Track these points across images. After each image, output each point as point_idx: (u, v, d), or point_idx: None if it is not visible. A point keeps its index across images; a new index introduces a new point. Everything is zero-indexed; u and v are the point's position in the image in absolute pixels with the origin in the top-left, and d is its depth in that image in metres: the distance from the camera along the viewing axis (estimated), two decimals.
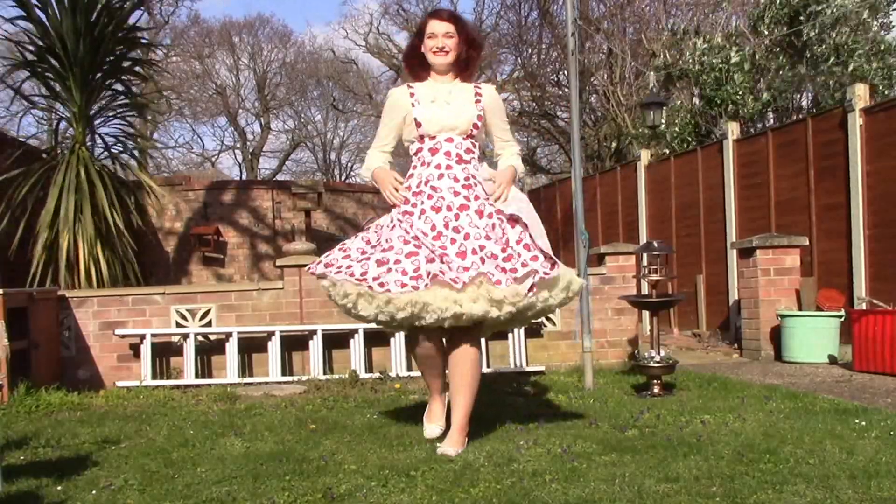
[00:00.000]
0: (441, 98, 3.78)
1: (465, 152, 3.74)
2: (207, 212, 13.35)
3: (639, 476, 3.01)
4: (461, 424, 3.59)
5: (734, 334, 8.56)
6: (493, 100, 3.88)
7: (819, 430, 3.78)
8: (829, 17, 9.71)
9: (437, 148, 3.73)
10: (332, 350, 6.58)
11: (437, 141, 3.74)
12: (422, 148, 3.76)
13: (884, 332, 5.99)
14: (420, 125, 3.74)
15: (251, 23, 30.55)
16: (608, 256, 6.96)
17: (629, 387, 5.44)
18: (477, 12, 21.75)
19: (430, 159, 3.73)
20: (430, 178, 3.69)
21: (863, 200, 7.45)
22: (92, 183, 7.86)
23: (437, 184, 3.67)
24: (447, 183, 3.67)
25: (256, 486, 3.04)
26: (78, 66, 8.05)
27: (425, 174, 3.71)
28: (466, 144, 3.75)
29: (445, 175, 3.69)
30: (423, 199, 3.66)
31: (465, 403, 3.60)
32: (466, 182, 3.68)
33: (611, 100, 15.20)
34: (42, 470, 3.26)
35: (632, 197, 11.47)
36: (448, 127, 3.73)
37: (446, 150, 3.72)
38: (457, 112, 3.75)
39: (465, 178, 3.69)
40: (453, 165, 3.71)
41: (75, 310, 6.50)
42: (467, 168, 3.72)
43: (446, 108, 3.75)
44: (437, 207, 3.62)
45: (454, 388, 3.64)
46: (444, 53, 3.78)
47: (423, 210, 3.63)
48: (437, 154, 3.73)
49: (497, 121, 3.89)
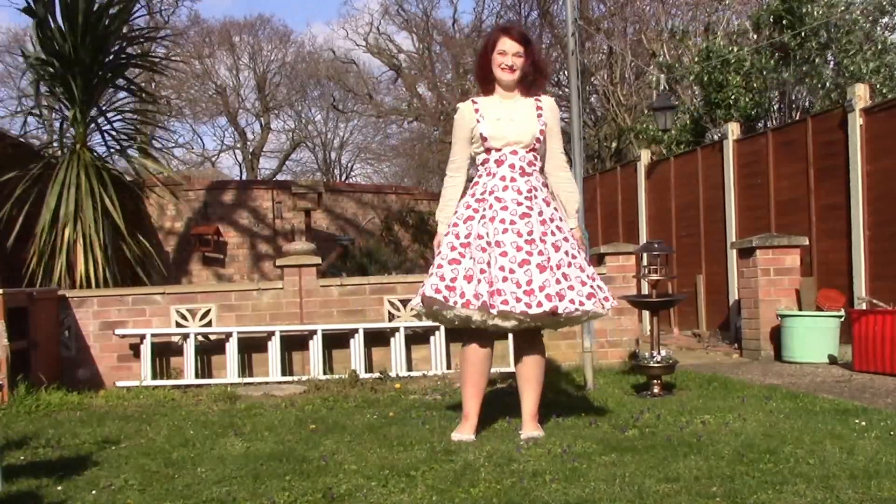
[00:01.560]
0: (506, 115, 3.92)
1: (527, 165, 3.89)
2: (207, 212, 13.34)
3: (639, 476, 3.01)
4: (533, 412, 3.89)
5: (734, 334, 8.56)
6: (553, 112, 4.03)
7: (819, 430, 3.78)
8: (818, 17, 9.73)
9: (503, 160, 3.88)
10: (332, 350, 6.58)
11: (503, 153, 3.89)
12: (488, 159, 3.91)
13: (884, 332, 5.99)
14: (486, 140, 3.89)
15: (251, 23, 30.55)
16: (608, 256, 6.96)
17: (629, 387, 5.44)
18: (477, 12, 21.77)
19: (496, 170, 3.88)
20: (495, 189, 3.84)
21: (863, 200, 7.45)
22: (92, 183, 7.86)
23: (501, 195, 3.82)
24: (511, 195, 3.82)
25: (256, 486, 3.04)
26: (79, 66, 8.05)
27: (490, 184, 3.86)
28: (529, 157, 3.90)
29: (510, 187, 3.83)
30: (485, 207, 3.82)
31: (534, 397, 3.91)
32: (529, 194, 3.84)
33: (611, 100, 15.20)
34: (42, 470, 3.26)
35: (632, 197, 11.46)
36: (513, 141, 3.88)
37: (511, 162, 3.87)
38: (521, 128, 3.89)
39: (527, 189, 3.84)
40: (517, 178, 3.85)
41: (75, 310, 6.50)
42: (530, 180, 3.87)
43: (511, 125, 3.89)
44: (492, 217, 3.79)
45: (522, 381, 3.94)
46: (511, 72, 3.91)
47: (483, 216, 3.81)
48: (502, 166, 3.88)
49: (554, 133, 4.01)
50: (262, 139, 30.58)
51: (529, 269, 3.66)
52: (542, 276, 3.66)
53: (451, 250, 3.78)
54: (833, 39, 9.68)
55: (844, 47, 9.57)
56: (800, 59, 9.90)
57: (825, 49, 9.75)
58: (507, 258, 3.67)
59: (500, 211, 3.77)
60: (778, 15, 10.04)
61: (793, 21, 9.94)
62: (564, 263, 3.74)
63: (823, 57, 9.80)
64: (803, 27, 9.74)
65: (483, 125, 3.89)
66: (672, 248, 6.77)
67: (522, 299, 3.60)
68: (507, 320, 3.67)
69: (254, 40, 30.28)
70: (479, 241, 3.74)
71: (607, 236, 11.86)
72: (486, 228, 3.76)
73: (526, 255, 3.68)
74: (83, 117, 8.22)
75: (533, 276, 3.65)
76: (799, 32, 9.77)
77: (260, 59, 30.25)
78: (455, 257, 3.76)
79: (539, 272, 3.66)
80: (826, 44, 9.73)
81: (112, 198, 7.95)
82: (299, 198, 12.92)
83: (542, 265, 3.68)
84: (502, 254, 3.67)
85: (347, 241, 13.32)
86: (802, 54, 9.84)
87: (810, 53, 9.73)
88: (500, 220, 3.75)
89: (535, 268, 3.67)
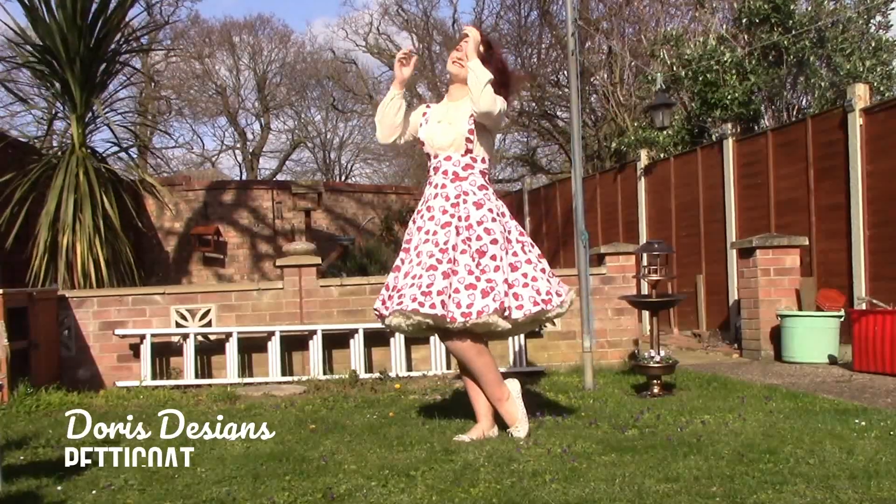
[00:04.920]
0: (445, 117, 3.89)
1: (462, 169, 3.81)
2: (207, 212, 13.35)
3: (639, 476, 3.01)
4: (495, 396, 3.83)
5: (734, 334, 8.56)
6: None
7: (819, 430, 3.78)
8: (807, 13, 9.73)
9: (439, 167, 3.86)
10: (332, 350, 6.58)
11: (439, 160, 3.86)
12: (429, 167, 3.92)
13: (884, 332, 5.99)
14: (422, 144, 3.92)
15: (251, 23, 30.54)
16: (608, 256, 6.96)
17: (629, 387, 5.44)
18: (477, 12, 21.74)
19: (433, 178, 3.86)
20: (429, 197, 3.83)
21: (863, 200, 7.45)
22: (91, 183, 7.86)
23: (432, 203, 3.80)
24: (439, 202, 3.78)
25: (256, 486, 3.04)
26: (77, 65, 8.05)
27: (427, 193, 3.87)
28: (465, 160, 3.82)
29: (440, 194, 3.80)
30: (421, 216, 3.82)
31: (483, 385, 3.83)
32: (456, 200, 3.77)
33: (611, 100, 15.19)
34: (42, 470, 3.26)
35: (631, 197, 11.46)
36: (445, 145, 3.83)
37: (444, 168, 3.84)
38: (453, 131, 3.83)
39: (455, 195, 3.78)
40: (448, 184, 3.80)
41: (75, 310, 6.50)
42: (461, 185, 3.79)
43: (448, 128, 3.84)
44: (419, 227, 3.79)
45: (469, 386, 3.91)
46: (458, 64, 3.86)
47: (419, 227, 3.80)
48: (437, 173, 3.86)
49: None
50: (261, 139, 30.58)
51: (433, 275, 3.63)
52: (444, 281, 3.62)
53: (400, 262, 3.82)
54: (827, 38, 9.68)
55: (839, 46, 9.57)
56: (793, 58, 9.91)
57: (819, 48, 9.75)
58: (421, 266, 3.68)
59: (427, 221, 3.77)
60: (765, 14, 10.04)
61: (781, 19, 9.95)
62: (490, 268, 3.65)
63: (818, 56, 9.80)
64: (793, 26, 9.75)
65: (422, 129, 3.91)
66: (672, 248, 6.78)
67: (425, 301, 3.60)
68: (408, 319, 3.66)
69: (254, 40, 30.28)
70: (415, 249, 3.78)
71: (607, 236, 11.86)
72: (419, 237, 3.78)
73: (435, 262, 3.66)
74: (82, 117, 8.22)
75: (436, 282, 3.62)
76: (790, 31, 9.78)
77: (260, 59, 30.26)
78: (397, 265, 3.84)
79: (443, 278, 3.63)
80: (819, 42, 9.73)
81: (111, 198, 7.95)
82: (299, 198, 12.93)
83: (447, 272, 3.64)
84: (418, 263, 3.69)
85: (347, 241, 13.33)
86: (796, 53, 9.84)
87: (804, 52, 9.73)
88: (425, 231, 3.76)
89: (440, 275, 3.63)
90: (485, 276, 3.65)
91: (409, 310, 3.61)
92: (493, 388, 3.78)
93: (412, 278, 3.68)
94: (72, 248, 7.72)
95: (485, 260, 3.67)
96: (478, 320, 3.59)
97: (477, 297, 3.60)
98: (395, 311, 3.66)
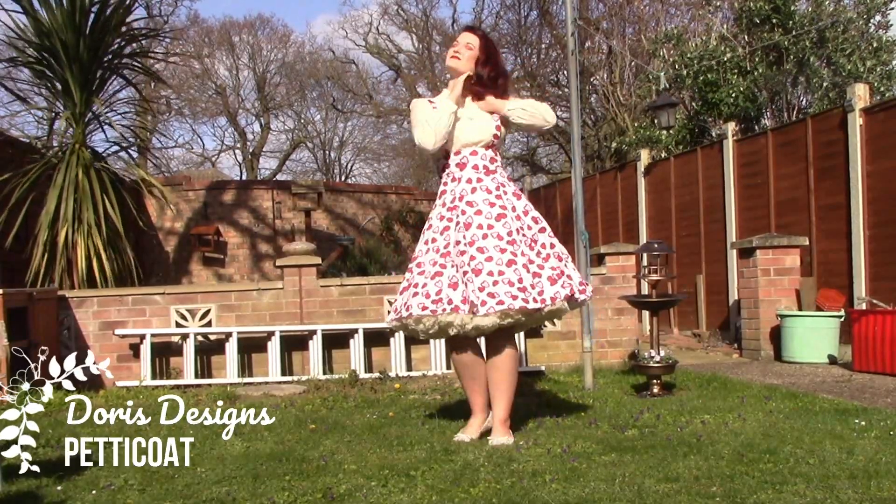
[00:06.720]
0: (465, 114, 3.87)
1: (489, 162, 3.86)
2: (207, 212, 13.35)
3: (639, 476, 3.01)
4: (503, 417, 3.74)
5: (734, 334, 8.56)
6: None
7: (819, 430, 3.78)
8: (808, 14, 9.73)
9: (465, 163, 3.84)
10: (332, 350, 6.58)
11: (463, 156, 3.85)
12: (448, 164, 3.88)
13: (884, 332, 5.99)
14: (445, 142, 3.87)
15: (251, 23, 30.53)
16: (608, 256, 6.95)
17: (629, 387, 5.43)
18: (477, 12, 21.75)
19: (460, 174, 3.83)
20: (465, 194, 3.79)
21: (863, 200, 7.45)
22: (92, 182, 7.86)
23: (471, 198, 3.77)
24: (481, 195, 3.77)
25: (256, 486, 3.04)
26: (77, 64, 8.05)
27: (458, 190, 3.81)
28: (490, 154, 3.87)
29: (478, 188, 3.79)
30: (458, 213, 3.76)
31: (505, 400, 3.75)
32: (498, 192, 3.79)
33: (611, 100, 15.20)
34: (42, 470, 3.26)
35: (631, 197, 11.46)
36: (472, 142, 3.84)
37: (473, 163, 3.83)
38: (479, 125, 3.85)
39: (496, 187, 3.80)
40: (483, 178, 3.81)
41: (75, 310, 6.50)
42: (496, 177, 3.84)
43: (469, 123, 3.85)
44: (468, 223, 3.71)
45: (492, 384, 3.77)
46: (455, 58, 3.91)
47: (458, 223, 3.74)
48: (465, 168, 3.83)
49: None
50: (261, 139, 30.57)
51: (517, 269, 3.63)
52: (528, 274, 3.65)
53: (433, 265, 3.72)
54: (827, 38, 9.69)
55: (840, 46, 9.58)
56: (794, 58, 9.91)
57: (819, 48, 9.76)
58: (493, 262, 3.61)
59: (474, 216, 3.71)
60: (766, 15, 10.05)
61: (782, 20, 9.95)
62: (542, 256, 3.75)
63: (818, 56, 9.81)
64: (793, 27, 9.75)
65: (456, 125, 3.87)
66: (672, 248, 6.78)
67: (519, 296, 3.57)
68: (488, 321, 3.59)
69: (253, 40, 30.27)
70: (458, 246, 3.70)
71: (607, 236, 11.86)
72: (460, 233, 3.71)
73: (511, 256, 3.65)
74: (82, 116, 8.22)
75: (522, 275, 3.63)
76: (790, 32, 9.78)
77: (260, 59, 30.24)
78: (437, 271, 3.70)
79: (525, 271, 3.65)
80: (819, 42, 9.74)
81: (111, 198, 7.95)
82: (299, 198, 12.92)
83: (526, 265, 3.67)
84: (488, 259, 3.62)
85: (347, 241, 13.33)
86: (797, 53, 9.84)
87: (804, 52, 9.74)
88: (477, 226, 3.69)
89: (522, 267, 3.65)
90: (548, 264, 3.73)
91: (517, 308, 3.55)
92: (509, 405, 3.77)
93: (487, 275, 3.57)
94: (72, 248, 7.72)
95: (543, 249, 3.76)
96: (552, 307, 3.67)
97: (546, 284, 3.67)
98: (498, 311, 3.54)
